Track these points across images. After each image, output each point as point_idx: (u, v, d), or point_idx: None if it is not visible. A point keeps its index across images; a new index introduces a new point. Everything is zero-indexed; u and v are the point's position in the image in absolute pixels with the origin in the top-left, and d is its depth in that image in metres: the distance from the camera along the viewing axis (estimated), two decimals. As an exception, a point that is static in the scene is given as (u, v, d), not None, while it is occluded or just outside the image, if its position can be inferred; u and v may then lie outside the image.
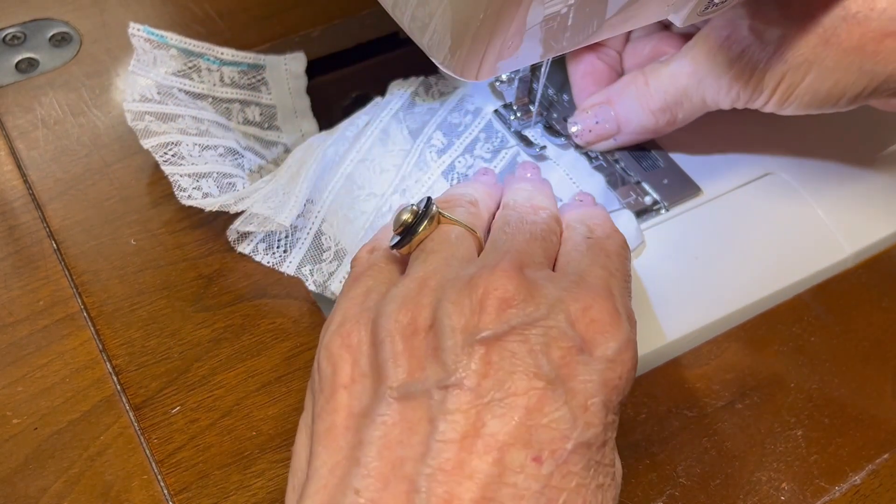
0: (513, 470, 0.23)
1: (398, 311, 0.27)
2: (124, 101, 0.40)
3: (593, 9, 0.30)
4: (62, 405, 0.34)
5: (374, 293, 0.29)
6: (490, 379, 0.24)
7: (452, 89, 0.45)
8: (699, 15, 0.33)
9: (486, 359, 0.25)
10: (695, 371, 0.36)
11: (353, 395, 0.26)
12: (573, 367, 0.25)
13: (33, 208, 0.40)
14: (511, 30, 0.29)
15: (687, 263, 0.40)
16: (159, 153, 0.39)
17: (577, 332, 0.26)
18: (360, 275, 0.31)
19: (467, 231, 0.31)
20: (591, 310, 0.26)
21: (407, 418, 0.25)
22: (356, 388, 0.27)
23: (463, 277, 0.27)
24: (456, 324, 0.26)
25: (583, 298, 0.27)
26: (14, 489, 0.31)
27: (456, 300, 0.26)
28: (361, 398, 0.26)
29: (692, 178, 0.43)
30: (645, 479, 0.33)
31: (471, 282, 0.27)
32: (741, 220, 0.42)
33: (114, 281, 0.37)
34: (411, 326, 0.26)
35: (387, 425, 0.25)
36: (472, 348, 0.25)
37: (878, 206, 0.44)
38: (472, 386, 0.24)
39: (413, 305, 0.27)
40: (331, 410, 0.26)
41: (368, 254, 0.32)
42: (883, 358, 0.37)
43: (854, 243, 0.42)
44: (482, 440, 0.24)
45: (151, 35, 0.42)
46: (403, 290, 0.28)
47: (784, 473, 0.33)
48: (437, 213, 0.31)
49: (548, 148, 0.42)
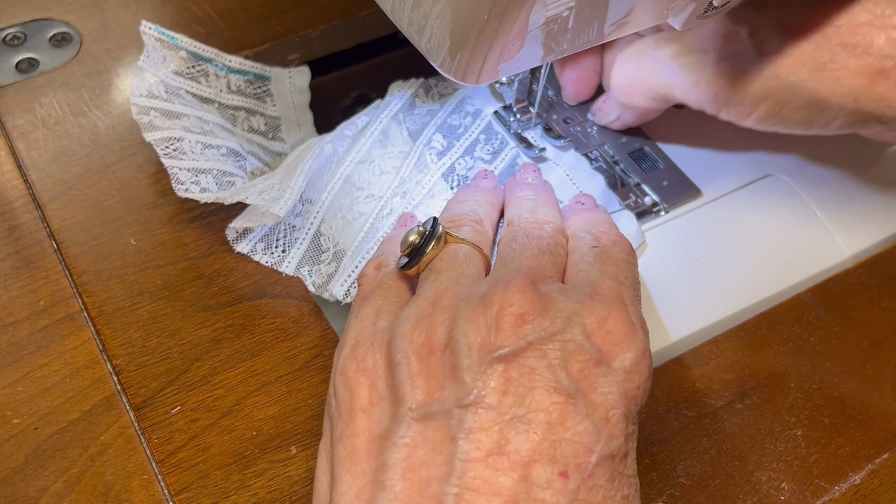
0: (539, 486, 0.23)
1: (412, 331, 0.27)
2: (131, 95, 0.40)
3: (594, 12, 0.30)
4: (62, 405, 0.34)
5: (385, 313, 0.29)
6: (510, 396, 0.24)
7: (452, 91, 0.45)
8: (698, 18, 0.33)
9: (506, 375, 0.25)
10: (695, 371, 0.36)
11: (373, 418, 0.26)
12: (592, 379, 0.25)
13: (33, 208, 0.40)
14: (512, 33, 0.29)
15: (687, 265, 0.40)
16: (161, 146, 0.39)
17: (594, 344, 0.26)
18: (369, 294, 0.31)
19: (474, 249, 0.31)
20: (606, 322, 0.26)
21: (429, 439, 0.25)
22: (375, 412, 0.26)
23: (476, 295, 0.27)
24: (473, 342, 0.25)
25: (597, 311, 0.27)
26: (14, 489, 0.31)
27: (471, 318, 0.26)
28: (381, 421, 0.26)
29: (692, 180, 0.43)
30: (645, 479, 0.33)
31: (484, 299, 0.26)
32: (741, 221, 0.42)
33: (114, 281, 0.37)
34: (427, 346, 0.26)
35: (409, 447, 0.25)
36: (491, 366, 0.25)
37: (876, 209, 0.44)
38: (492, 403, 0.24)
39: (428, 325, 0.27)
40: (350, 434, 0.26)
41: (375, 270, 0.32)
42: (883, 358, 0.37)
43: (853, 245, 0.42)
44: (507, 457, 0.24)
45: (162, 35, 0.42)
46: (416, 309, 0.28)
47: (784, 473, 0.33)
48: (444, 233, 0.31)
49: (547, 149, 0.42)
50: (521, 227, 0.32)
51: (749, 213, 0.42)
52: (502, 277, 0.28)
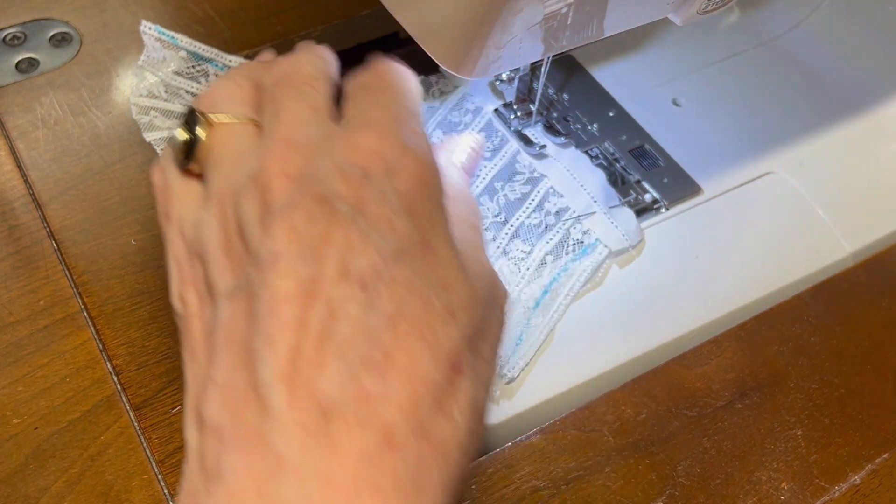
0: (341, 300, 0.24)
1: (209, 231, 0.28)
2: (131, 95, 0.40)
3: (593, 8, 0.30)
4: (62, 405, 0.34)
5: (186, 224, 0.30)
6: (296, 241, 0.25)
7: (453, 88, 0.45)
8: (699, 13, 0.33)
9: (288, 227, 0.25)
10: (695, 371, 0.36)
11: (203, 318, 0.28)
12: (363, 195, 0.26)
13: (33, 208, 0.40)
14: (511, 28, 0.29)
15: (686, 262, 0.40)
16: (161, 146, 0.39)
17: (356, 164, 0.26)
18: (167, 211, 0.31)
19: (242, 124, 0.31)
20: (360, 142, 0.27)
21: (240, 310, 0.25)
22: (205, 311, 0.28)
23: (249, 174, 0.28)
24: (253, 215, 0.26)
25: (352, 136, 0.27)
26: (14, 489, 0.31)
27: (247, 195, 0.27)
28: (208, 317, 0.27)
29: (692, 177, 0.43)
30: (645, 479, 0.33)
31: (254, 176, 0.27)
32: (741, 219, 0.42)
33: (114, 281, 0.37)
34: (224, 236, 0.28)
35: (224, 322, 0.25)
36: (273, 225, 0.25)
37: (877, 206, 0.44)
38: (282, 251, 0.25)
39: (220, 219, 0.28)
40: (189, 339, 0.28)
41: (162, 175, 0.33)
42: (883, 358, 0.37)
43: (853, 242, 0.42)
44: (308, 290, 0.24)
45: (162, 35, 0.42)
46: (207, 213, 0.29)
47: (784, 473, 0.33)
48: (206, 118, 0.31)
49: (548, 147, 0.42)
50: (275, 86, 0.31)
51: (749, 210, 0.42)
52: (264, 148, 0.28)
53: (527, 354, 0.36)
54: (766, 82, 0.49)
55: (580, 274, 0.38)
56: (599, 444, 0.34)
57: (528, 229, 0.39)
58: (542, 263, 0.38)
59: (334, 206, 0.25)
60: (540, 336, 0.36)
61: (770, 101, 0.48)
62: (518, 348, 0.36)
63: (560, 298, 0.37)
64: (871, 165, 0.45)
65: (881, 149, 0.46)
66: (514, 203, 0.40)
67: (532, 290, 0.37)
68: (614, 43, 0.49)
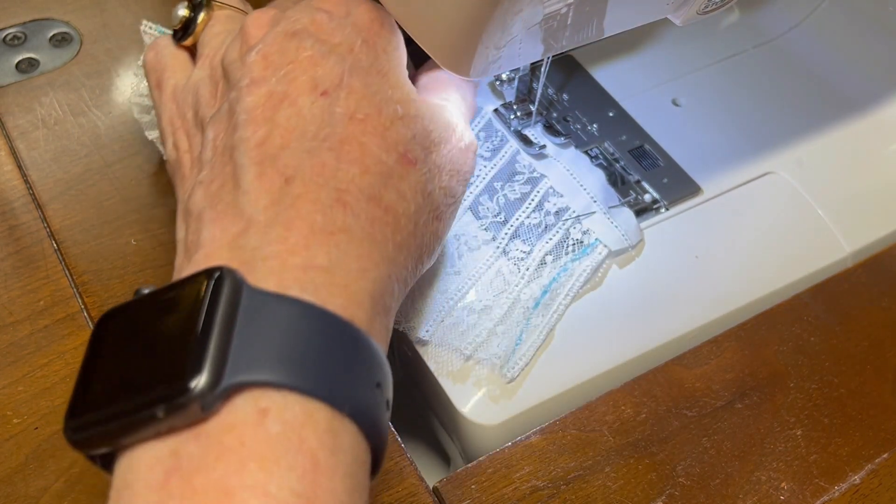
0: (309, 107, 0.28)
1: (200, 83, 0.32)
2: (131, 95, 0.40)
3: (593, 8, 0.30)
4: (63, 405, 0.34)
5: (179, 90, 0.34)
6: (270, 68, 0.29)
7: (452, 89, 0.45)
8: (699, 13, 0.33)
9: (261, 57, 0.29)
10: (695, 371, 0.36)
11: (193, 154, 0.32)
12: (326, 27, 0.30)
13: (34, 208, 0.40)
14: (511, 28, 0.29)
15: (686, 262, 0.40)
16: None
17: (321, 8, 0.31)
18: (160, 79, 0.35)
19: (238, 11, 0.36)
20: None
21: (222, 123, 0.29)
22: (194, 146, 0.32)
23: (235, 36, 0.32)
24: (234, 56, 0.31)
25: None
26: (14, 489, 0.31)
27: (231, 45, 0.32)
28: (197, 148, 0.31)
29: (692, 177, 0.43)
30: (645, 479, 0.33)
31: (238, 32, 0.32)
32: (741, 218, 0.42)
33: (114, 281, 0.37)
34: (212, 83, 0.32)
35: (210, 138, 0.29)
36: (249, 60, 0.29)
37: (877, 206, 0.44)
38: (257, 76, 0.29)
39: (209, 73, 0.32)
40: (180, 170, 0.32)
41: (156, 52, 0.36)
42: (883, 358, 0.37)
43: (853, 242, 0.42)
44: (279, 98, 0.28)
45: (163, 34, 0.42)
46: (199, 70, 0.33)
47: (784, 473, 0.33)
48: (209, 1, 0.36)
49: (547, 147, 0.42)
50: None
51: (749, 210, 0.42)
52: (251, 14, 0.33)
53: (527, 354, 0.36)
54: (766, 82, 0.49)
55: (580, 274, 0.38)
56: (599, 444, 0.34)
57: (527, 229, 0.39)
58: (542, 263, 0.38)
59: (301, 38, 0.30)
60: (540, 336, 0.36)
61: (770, 101, 0.48)
62: (518, 348, 0.36)
63: (560, 298, 0.37)
64: (870, 165, 0.45)
65: (881, 149, 0.46)
66: (514, 203, 0.40)
67: (532, 289, 0.37)
68: (614, 43, 0.49)
